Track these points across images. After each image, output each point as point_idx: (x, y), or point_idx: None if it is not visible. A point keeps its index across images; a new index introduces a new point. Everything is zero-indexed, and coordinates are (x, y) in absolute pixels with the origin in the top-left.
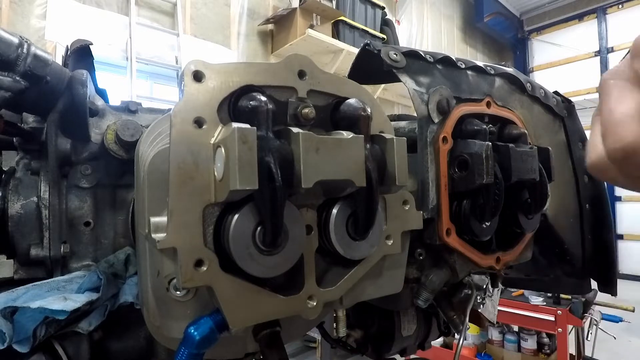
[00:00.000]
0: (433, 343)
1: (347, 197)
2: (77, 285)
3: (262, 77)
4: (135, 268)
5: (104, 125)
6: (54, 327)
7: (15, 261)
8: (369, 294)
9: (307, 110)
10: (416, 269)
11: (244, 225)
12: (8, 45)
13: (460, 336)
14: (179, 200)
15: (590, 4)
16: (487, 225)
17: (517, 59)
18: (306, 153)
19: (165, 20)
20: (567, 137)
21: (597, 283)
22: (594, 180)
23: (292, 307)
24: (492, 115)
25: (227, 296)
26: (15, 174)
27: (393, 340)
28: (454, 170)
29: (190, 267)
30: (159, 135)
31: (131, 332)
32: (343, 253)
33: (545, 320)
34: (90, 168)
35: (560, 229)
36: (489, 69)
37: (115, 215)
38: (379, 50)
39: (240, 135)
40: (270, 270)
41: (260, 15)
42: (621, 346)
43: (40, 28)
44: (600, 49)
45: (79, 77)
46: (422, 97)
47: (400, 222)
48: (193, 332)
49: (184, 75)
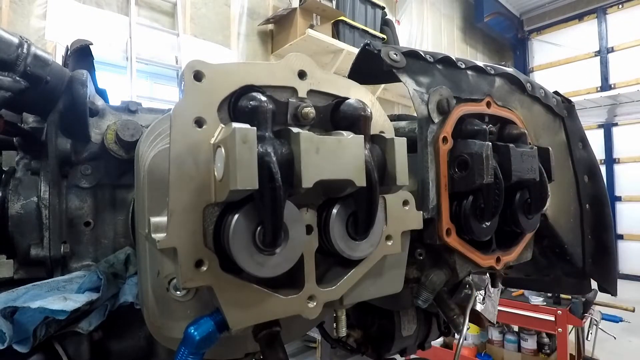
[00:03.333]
0: (433, 343)
1: (347, 197)
2: (77, 285)
3: (262, 77)
4: (135, 268)
5: (104, 125)
6: (54, 327)
7: (15, 261)
8: (369, 294)
9: (307, 110)
10: (416, 269)
11: (244, 225)
12: (8, 45)
13: (460, 336)
14: (179, 200)
15: (590, 4)
16: (487, 225)
17: (517, 59)
18: (306, 153)
19: (165, 20)
20: (567, 137)
21: (597, 283)
22: (594, 180)
23: (292, 307)
24: (492, 115)
25: (227, 296)
26: (15, 174)
27: (393, 340)
28: (454, 170)
29: (190, 267)
30: (159, 135)
31: (131, 332)
32: (343, 253)
33: (545, 320)
34: (90, 168)
35: (560, 229)
36: (489, 69)
37: (115, 215)
38: (379, 50)
39: (240, 135)
40: (270, 270)
41: (260, 15)
42: (621, 346)
43: (40, 28)
44: (600, 49)
45: (79, 77)
46: (422, 97)
47: (401, 222)
48: (193, 332)
49: (184, 75)
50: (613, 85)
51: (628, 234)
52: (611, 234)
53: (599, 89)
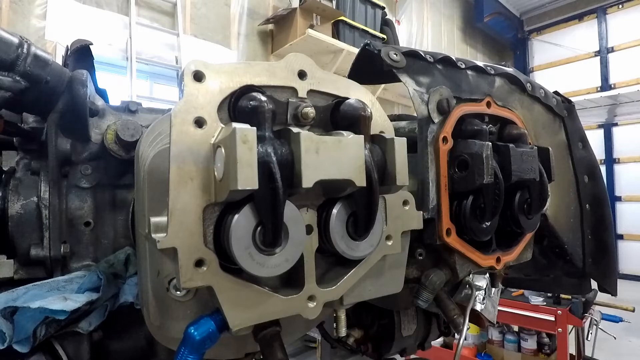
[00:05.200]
0: (433, 343)
1: (347, 197)
2: (77, 285)
3: (262, 77)
4: (135, 268)
5: (104, 125)
6: (54, 327)
7: (16, 261)
8: (369, 294)
9: (307, 110)
10: (416, 269)
11: (244, 225)
12: (8, 45)
13: (460, 336)
14: (179, 200)
15: (590, 4)
16: (487, 225)
17: (517, 59)
18: (306, 153)
19: (165, 20)
20: (567, 137)
21: (597, 283)
22: (594, 180)
23: (292, 307)
24: (492, 115)
25: (227, 296)
26: (15, 174)
27: (393, 340)
28: (454, 170)
29: (190, 267)
30: (159, 135)
31: (131, 332)
32: (343, 253)
33: (545, 320)
34: (90, 168)
35: (560, 229)
36: (489, 69)
37: (115, 215)
38: (379, 50)
39: (240, 135)
40: (271, 270)
41: (260, 15)
42: (621, 346)
43: (40, 28)
44: (600, 49)
45: (79, 77)
46: (422, 97)
47: (401, 222)
48: (193, 332)
49: (184, 75)
50: (613, 85)
51: (628, 234)
52: (611, 234)
53: (599, 89)
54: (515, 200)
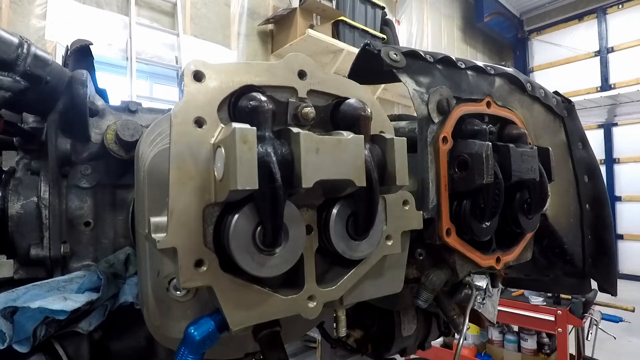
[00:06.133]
0: (433, 343)
1: (347, 197)
2: (77, 285)
3: (262, 77)
4: (135, 268)
5: (104, 125)
6: (54, 327)
7: (15, 261)
8: (369, 294)
9: (307, 110)
10: (416, 269)
11: (244, 225)
12: (8, 45)
13: (460, 336)
14: (179, 200)
15: (590, 4)
16: (487, 225)
17: (517, 59)
18: (306, 153)
19: (165, 20)
20: (567, 137)
21: (597, 283)
22: (594, 180)
23: (292, 307)
24: (492, 115)
25: (227, 296)
26: (15, 174)
27: (393, 340)
28: (454, 170)
29: (190, 267)
30: (159, 135)
31: (131, 332)
32: (343, 253)
33: (545, 320)
34: (90, 168)
35: (560, 229)
36: (489, 69)
37: (115, 215)
38: (379, 50)
39: (240, 135)
40: (271, 270)
41: (260, 15)
42: (621, 346)
43: (40, 28)
44: (600, 49)
45: (79, 77)
46: (422, 97)
47: (401, 222)
48: (193, 332)
49: (184, 75)
50: (613, 85)
51: (628, 234)
52: (611, 234)
53: (599, 89)
54: (515, 201)
